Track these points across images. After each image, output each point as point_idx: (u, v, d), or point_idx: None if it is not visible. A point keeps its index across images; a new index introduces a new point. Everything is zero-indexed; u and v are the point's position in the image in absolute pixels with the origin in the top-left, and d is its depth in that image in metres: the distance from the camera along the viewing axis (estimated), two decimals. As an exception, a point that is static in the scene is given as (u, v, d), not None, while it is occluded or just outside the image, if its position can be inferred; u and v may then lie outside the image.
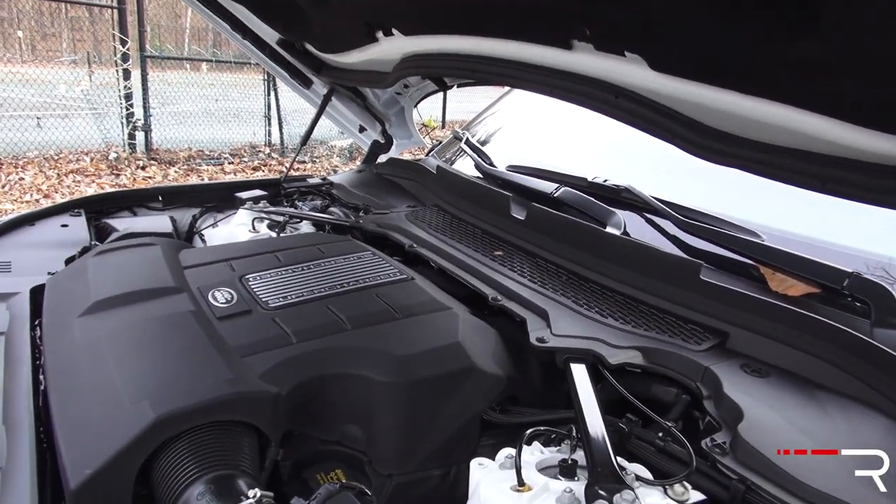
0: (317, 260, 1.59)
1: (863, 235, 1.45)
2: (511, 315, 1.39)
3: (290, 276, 1.49)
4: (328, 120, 2.77)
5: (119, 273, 1.46)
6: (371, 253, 1.66)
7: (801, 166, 1.04)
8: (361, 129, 2.73)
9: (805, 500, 0.89)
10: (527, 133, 2.55)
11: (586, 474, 0.97)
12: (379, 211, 2.07)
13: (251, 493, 0.91)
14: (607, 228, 1.57)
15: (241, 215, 2.11)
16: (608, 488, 0.90)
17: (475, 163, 2.15)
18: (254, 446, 1.08)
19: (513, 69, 1.47)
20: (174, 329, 1.25)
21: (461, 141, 2.31)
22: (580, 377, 1.15)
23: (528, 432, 1.02)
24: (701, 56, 1.06)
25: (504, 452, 1.03)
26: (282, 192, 2.38)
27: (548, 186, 1.81)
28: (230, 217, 2.18)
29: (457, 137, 2.42)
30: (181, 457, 0.99)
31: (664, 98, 1.21)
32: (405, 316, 1.34)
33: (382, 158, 2.67)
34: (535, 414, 1.25)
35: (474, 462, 1.03)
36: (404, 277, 1.52)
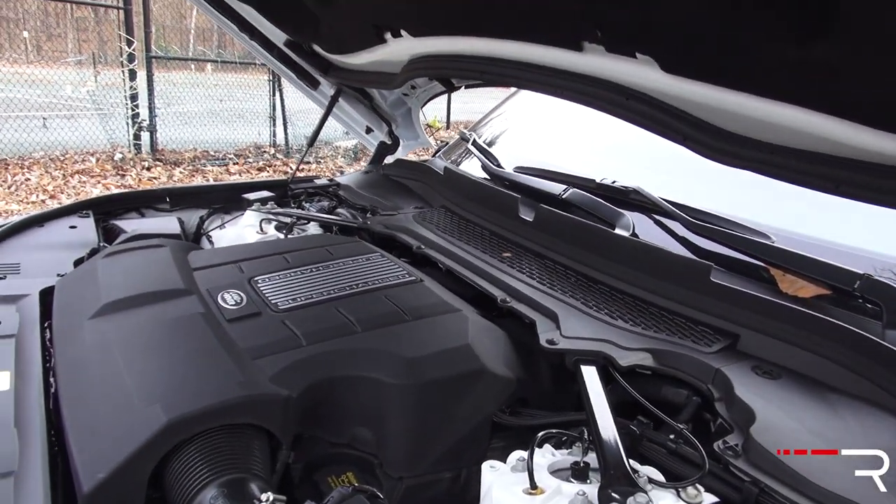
0: (325, 262, 1.59)
1: (872, 237, 1.44)
2: (520, 317, 1.39)
3: (299, 278, 1.49)
4: (334, 121, 2.77)
5: (128, 275, 1.46)
6: (379, 254, 1.66)
7: (813, 168, 1.04)
8: (368, 130, 2.72)
9: (818, 503, 0.89)
10: (533, 134, 2.54)
11: (598, 477, 0.97)
12: (386, 212, 2.07)
13: (264, 497, 0.92)
14: (616, 230, 1.57)
15: (249, 216, 2.11)
16: (621, 491, 0.90)
17: (482, 164, 2.15)
18: (265, 449, 1.08)
19: (522, 70, 1.47)
20: (184, 331, 1.25)
21: (468, 142, 2.31)
22: (591, 379, 1.15)
23: (540, 435, 1.02)
24: (712, 58, 1.05)
25: (515, 455, 1.03)
26: (289, 194, 2.38)
27: (556, 188, 1.81)
28: (238, 218, 2.18)
29: (463, 139, 2.42)
30: (193, 460, 0.99)
31: (675, 100, 1.21)
32: (415, 318, 1.34)
33: (389, 159, 2.67)
34: (546, 416, 1.25)
35: (486, 465, 1.03)
36: (413, 279, 1.52)
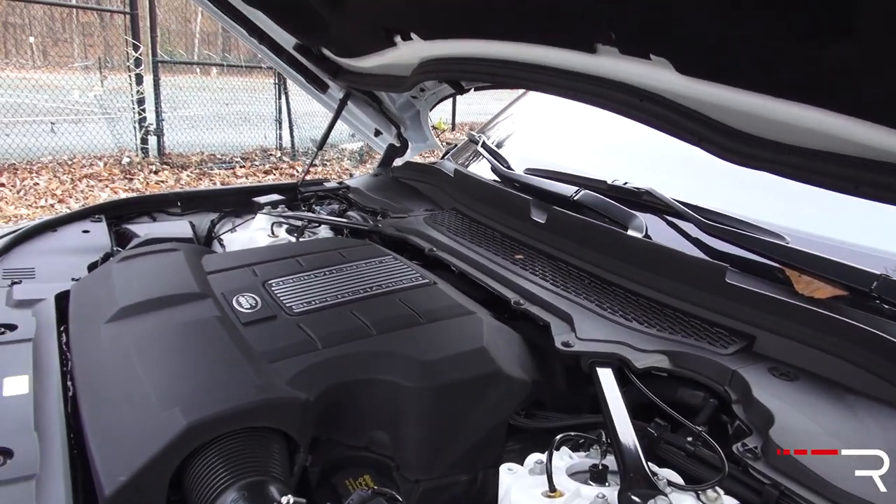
0: (338, 265, 1.59)
1: (888, 237, 1.44)
2: (534, 319, 1.38)
3: (313, 281, 1.49)
4: (342, 123, 2.77)
5: (144, 279, 1.47)
6: (392, 257, 1.66)
7: (833, 169, 1.03)
8: (377, 133, 2.73)
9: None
10: (542, 136, 2.54)
11: (617, 480, 0.97)
12: (397, 215, 2.07)
13: (283, 500, 0.92)
14: (629, 231, 1.57)
15: (260, 220, 2.11)
16: (641, 494, 0.90)
17: (492, 166, 2.15)
18: (283, 452, 1.08)
19: (535, 73, 1.47)
20: (201, 335, 1.25)
21: (477, 144, 2.31)
22: (607, 381, 1.15)
23: (558, 437, 1.01)
24: (729, 59, 1.05)
25: (533, 458, 1.03)
26: (299, 197, 2.38)
27: (567, 189, 1.80)
28: (248, 222, 2.19)
29: (472, 141, 2.42)
30: (212, 463, 1.00)
31: (690, 101, 1.20)
32: (429, 321, 1.34)
33: (398, 162, 2.68)
34: (562, 419, 1.25)
35: (503, 467, 1.02)
36: (427, 282, 1.52)
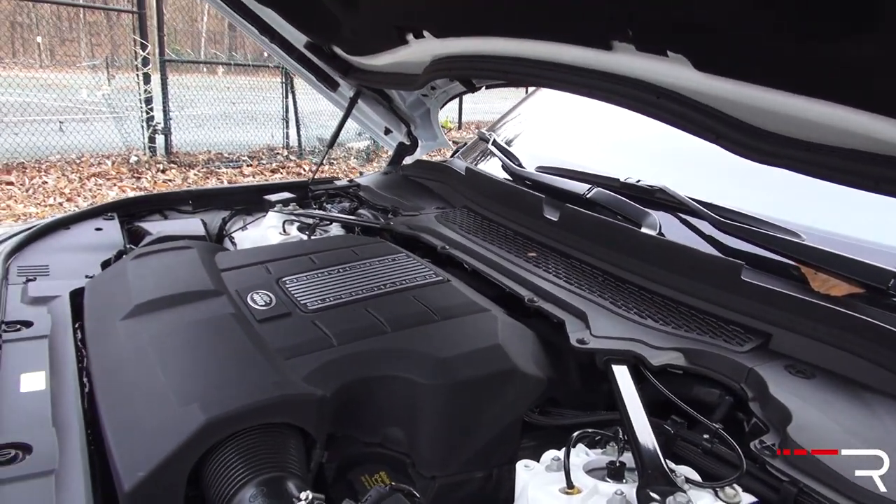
0: (352, 262, 1.59)
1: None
2: (548, 316, 1.38)
3: (327, 279, 1.49)
4: (350, 122, 2.77)
5: (158, 276, 1.47)
6: (405, 255, 1.66)
7: (853, 166, 1.03)
8: (387, 132, 2.73)
9: (859, 503, 0.88)
10: (553, 134, 2.54)
11: (634, 477, 0.97)
12: (408, 213, 2.07)
13: (303, 496, 0.92)
14: (642, 229, 1.56)
15: (271, 218, 2.12)
16: (660, 490, 0.90)
17: (503, 164, 2.15)
18: (300, 448, 1.08)
19: (548, 70, 1.47)
20: (217, 332, 1.25)
21: (488, 142, 2.30)
22: (623, 379, 1.15)
23: (576, 434, 1.01)
24: (748, 55, 1.05)
25: (549, 454, 1.03)
26: (309, 195, 2.39)
27: (580, 187, 1.80)
28: (259, 220, 2.19)
29: (483, 139, 2.42)
30: (230, 459, 1.00)
31: (707, 98, 1.20)
32: (443, 318, 1.34)
33: (408, 160, 2.68)
34: (577, 416, 1.25)
35: (520, 464, 1.03)
36: (441, 279, 1.52)
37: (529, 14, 1.37)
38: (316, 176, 2.52)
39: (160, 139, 8.89)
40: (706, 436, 1.06)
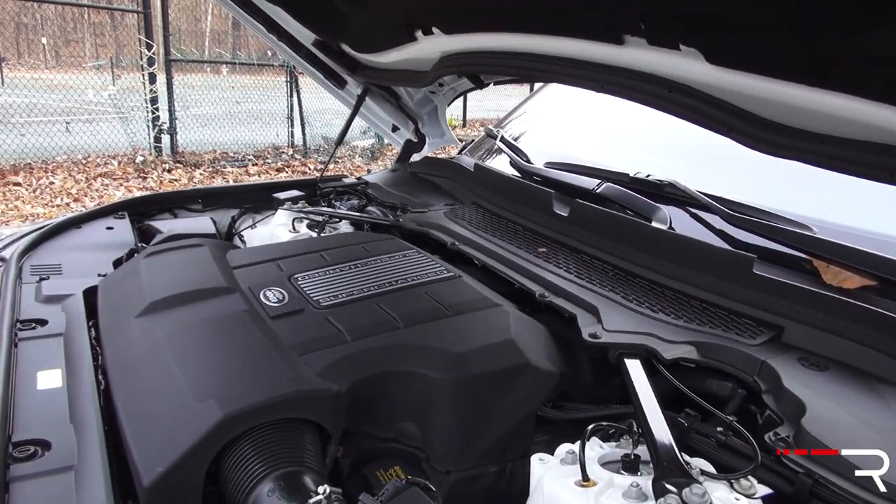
0: (363, 259, 1.60)
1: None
2: (559, 311, 1.39)
3: (338, 275, 1.50)
4: (355, 120, 2.78)
5: (171, 274, 1.48)
6: (416, 251, 1.66)
7: (866, 157, 1.03)
8: (394, 129, 2.73)
9: (875, 493, 0.89)
10: (560, 129, 2.54)
11: (649, 469, 0.97)
12: (417, 210, 2.07)
13: (320, 490, 0.93)
14: (652, 223, 1.57)
15: (281, 216, 2.12)
16: (676, 482, 0.90)
17: (512, 160, 2.15)
18: (316, 443, 1.09)
19: (558, 65, 1.46)
20: (231, 328, 1.26)
21: (496, 139, 2.31)
22: (636, 372, 1.15)
23: (590, 427, 1.02)
24: (761, 48, 1.05)
25: (564, 448, 1.03)
26: (318, 193, 2.40)
27: (589, 182, 1.80)
28: (269, 218, 2.20)
29: (490, 135, 2.42)
30: (248, 454, 1.01)
31: (719, 91, 1.20)
32: (456, 313, 1.35)
33: (415, 157, 2.68)
34: (589, 410, 1.25)
35: (535, 458, 1.03)
36: (452, 275, 1.52)
37: (539, 9, 1.37)
38: (323, 174, 2.52)
39: (166, 139, 8.93)
40: (720, 428, 1.07)
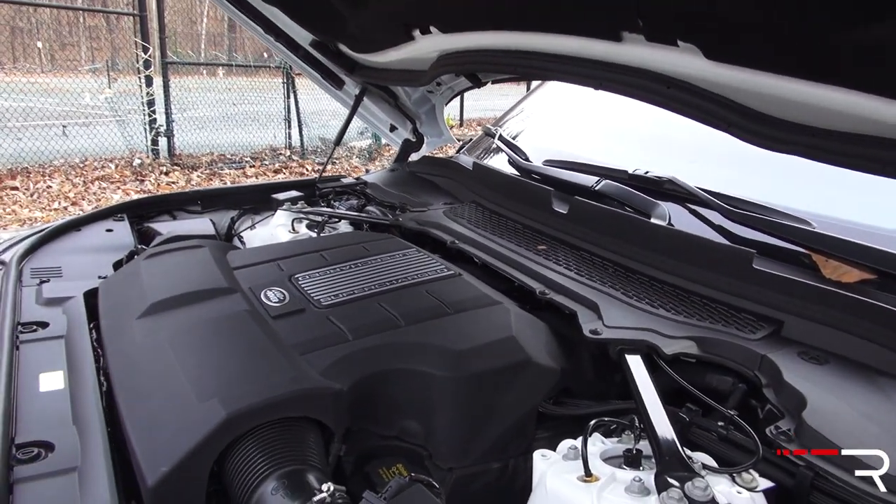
0: (363, 258, 1.60)
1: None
2: (560, 308, 1.39)
3: (339, 275, 1.50)
4: (354, 120, 2.78)
5: (172, 275, 1.48)
6: (415, 250, 1.67)
7: (860, 150, 1.03)
8: (392, 129, 2.74)
9: (874, 487, 0.89)
10: (557, 127, 2.54)
11: (651, 464, 0.98)
12: (416, 209, 2.07)
13: (324, 488, 0.93)
14: (651, 220, 1.57)
15: (280, 216, 2.13)
16: (678, 476, 0.91)
17: (510, 158, 2.16)
18: (319, 442, 1.09)
19: (556, 63, 1.47)
20: (233, 328, 1.26)
21: (494, 137, 2.31)
22: (637, 368, 1.16)
23: (592, 423, 1.02)
24: (760, 44, 1.05)
25: (566, 444, 1.04)
26: (317, 193, 2.40)
27: (588, 180, 1.81)
28: (268, 218, 2.20)
29: (489, 134, 2.43)
30: (251, 453, 1.01)
31: (718, 87, 1.20)
32: (457, 311, 1.35)
33: (414, 157, 2.69)
34: (591, 406, 1.26)
35: (537, 454, 1.03)
36: (452, 273, 1.53)
37: (537, 7, 1.38)
38: (322, 174, 2.53)
39: (163, 142, 8.92)
40: (721, 423, 1.07)
